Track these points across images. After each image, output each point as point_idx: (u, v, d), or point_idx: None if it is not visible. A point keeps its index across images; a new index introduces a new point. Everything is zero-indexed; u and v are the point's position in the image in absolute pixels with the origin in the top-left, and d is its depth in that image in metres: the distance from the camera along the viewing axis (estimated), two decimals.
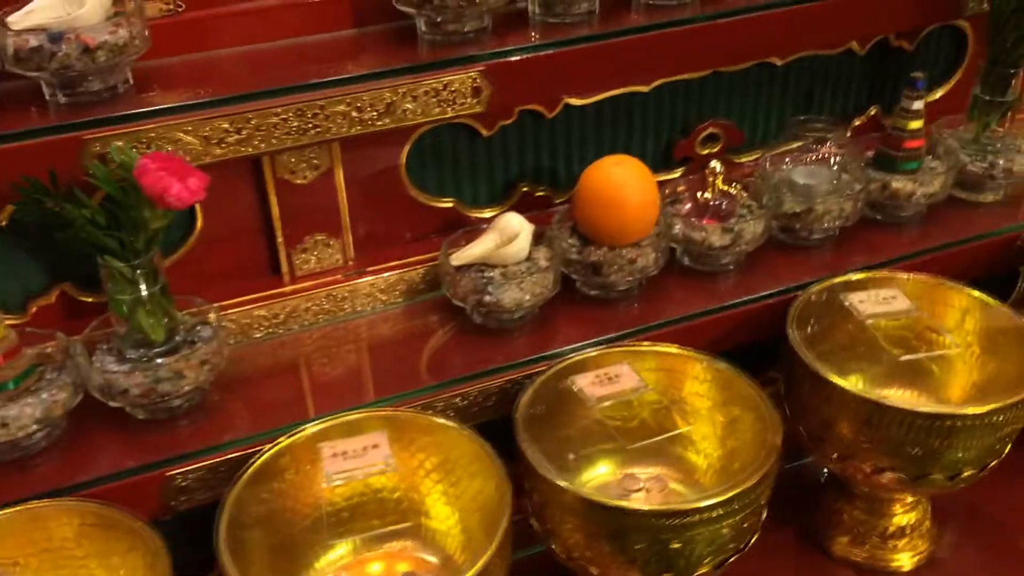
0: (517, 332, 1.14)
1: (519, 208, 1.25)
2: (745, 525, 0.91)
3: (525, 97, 1.17)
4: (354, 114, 1.05)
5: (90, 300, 1.09)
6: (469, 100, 1.10)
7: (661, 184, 1.27)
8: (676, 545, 0.88)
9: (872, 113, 1.44)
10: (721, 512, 0.88)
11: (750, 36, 1.25)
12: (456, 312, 1.16)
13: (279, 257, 1.13)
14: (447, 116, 1.10)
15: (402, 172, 1.17)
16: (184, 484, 0.97)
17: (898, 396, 1.16)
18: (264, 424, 1.01)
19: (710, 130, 1.34)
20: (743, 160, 1.38)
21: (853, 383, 1.07)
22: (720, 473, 1.02)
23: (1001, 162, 1.31)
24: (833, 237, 1.28)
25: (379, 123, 1.06)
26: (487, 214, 1.24)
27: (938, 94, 1.47)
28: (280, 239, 1.12)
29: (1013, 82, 1.30)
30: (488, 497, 0.94)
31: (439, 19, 1.10)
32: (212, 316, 1.04)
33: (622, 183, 1.12)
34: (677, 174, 1.35)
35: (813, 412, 1.08)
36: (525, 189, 1.26)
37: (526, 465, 0.95)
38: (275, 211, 1.10)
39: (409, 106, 1.08)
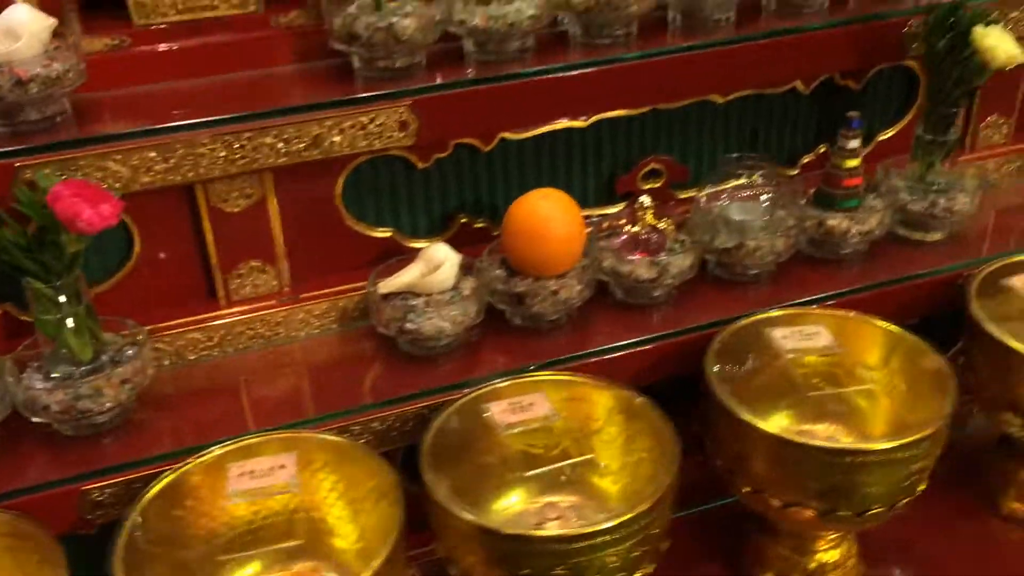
0: (443, 360, 1.16)
1: (458, 239, 1.28)
2: (634, 554, 0.92)
3: (457, 131, 1.21)
4: (281, 146, 1.09)
5: (31, 320, 1.14)
6: (396, 134, 1.14)
7: (600, 218, 1.30)
8: (561, 572, 0.89)
9: (821, 151, 1.45)
10: (608, 539, 0.89)
11: (686, 75, 1.27)
12: (385, 340, 1.18)
13: (215, 282, 1.18)
14: (375, 149, 1.14)
15: (338, 202, 1.21)
16: (100, 499, 1.01)
17: (812, 431, 1.16)
18: (184, 443, 1.04)
19: (652, 166, 1.36)
20: (689, 195, 1.40)
21: (767, 418, 1.09)
22: (624, 502, 1.03)
23: (942, 201, 1.31)
24: (770, 273, 1.29)
25: (306, 154, 1.10)
26: (425, 245, 1.27)
27: (890, 133, 1.47)
28: (215, 265, 1.16)
29: (954, 122, 1.31)
30: (390, 519, 0.96)
31: (370, 56, 1.14)
32: (139, 338, 1.08)
33: (546, 216, 1.15)
34: (620, 208, 1.37)
35: (726, 446, 1.08)
36: (464, 220, 1.29)
37: (425, 490, 0.97)
38: (209, 238, 1.14)
39: (336, 139, 1.11)
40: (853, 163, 1.28)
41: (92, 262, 1.12)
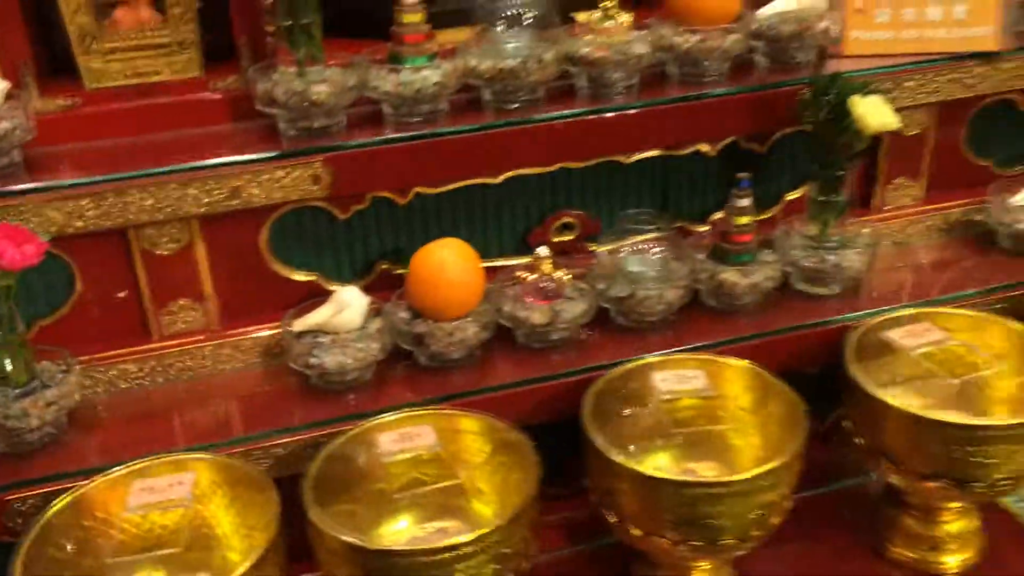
0: (348, 394, 1.26)
1: (378, 285, 1.39)
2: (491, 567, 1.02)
3: (371, 185, 1.32)
4: (203, 196, 1.22)
5: None
6: (310, 187, 1.26)
7: (511, 268, 1.41)
8: None
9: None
10: (457, 553, 0.99)
11: (590, 136, 1.38)
12: (300, 375, 1.29)
13: (148, 318, 1.30)
14: (292, 200, 1.27)
15: (264, 248, 1.33)
16: (22, 508, 1.12)
17: (684, 468, 1.25)
18: (104, 461, 1.16)
19: (564, 220, 1.46)
20: (604, 248, 1.49)
21: (640, 457, 1.18)
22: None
23: (832, 258, 1.39)
24: (667, 321, 1.38)
25: (227, 204, 1.23)
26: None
27: (797, 193, 1.56)
28: (148, 302, 1.29)
29: (842, 184, 1.39)
30: (275, 535, 1.06)
31: (290, 117, 1.27)
32: (68, 365, 1.20)
33: (444, 264, 1.26)
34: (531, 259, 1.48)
35: (597, 482, 1.17)
36: (384, 267, 1.40)
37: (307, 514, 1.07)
38: (142, 278, 1.27)
39: (255, 191, 1.24)
40: (744, 220, 1.37)
41: (39, 298, 1.26)
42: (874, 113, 1.28)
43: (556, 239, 1.46)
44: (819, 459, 1.44)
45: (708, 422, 1.23)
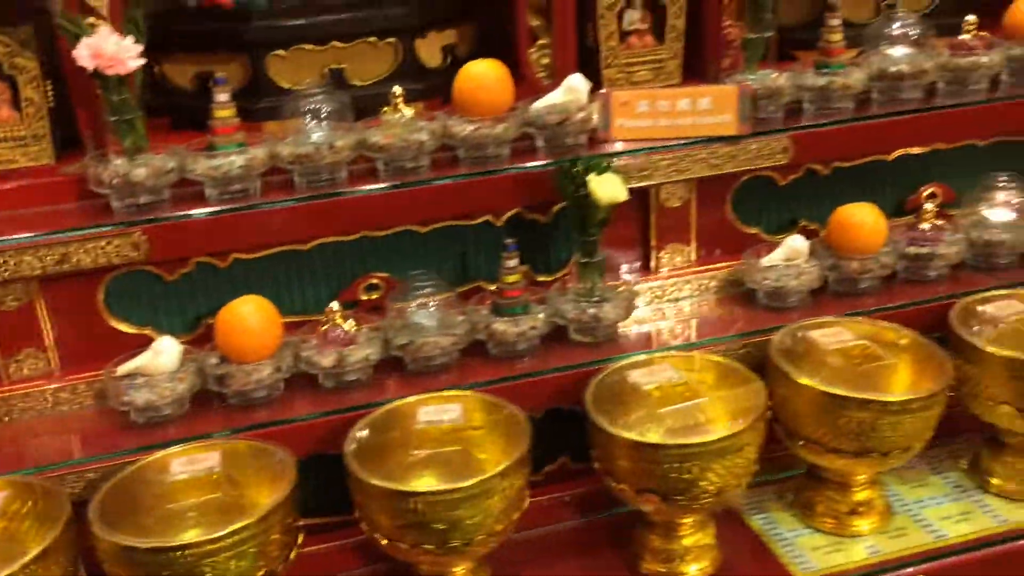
0: (162, 427, 1.48)
1: (205, 337, 1.61)
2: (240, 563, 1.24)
3: (187, 252, 1.57)
4: (37, 262, 1.46)
5: None
6: (131, 253, 1.51)
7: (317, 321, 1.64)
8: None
9: (524, 270, 1.78)
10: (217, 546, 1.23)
11: (387, 209, 1.63)
12: (124, 414, 1.51)
13: None
14: (116, 264, 1.51)
15: (100, 305, 1.56)
16: None
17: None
18: None
19: (371, 280, 1.70)
20: (396, 304, 1.69)
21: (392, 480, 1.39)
22: None
23: (592, 311, 1.62)
24: (448, 365, 1.61)
25: (58, 268, 1.48)
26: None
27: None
28: None
29: (596, 248, 1.63)
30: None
31: (118, 196, 1.52)
32: None
33: (243, 316, 1.50)
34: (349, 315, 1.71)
35: (359, 510, 1.39)
36: (210, 322, 1.62)
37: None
38: None
39: (84, 256, 1.49)
40: (512, 278, 1.61)
41: None
42: (605, 188, 1.53)
43: (364, 297, 1.70)
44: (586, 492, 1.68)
45: (456, 443, 1.46)
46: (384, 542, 1.35)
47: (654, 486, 1.41)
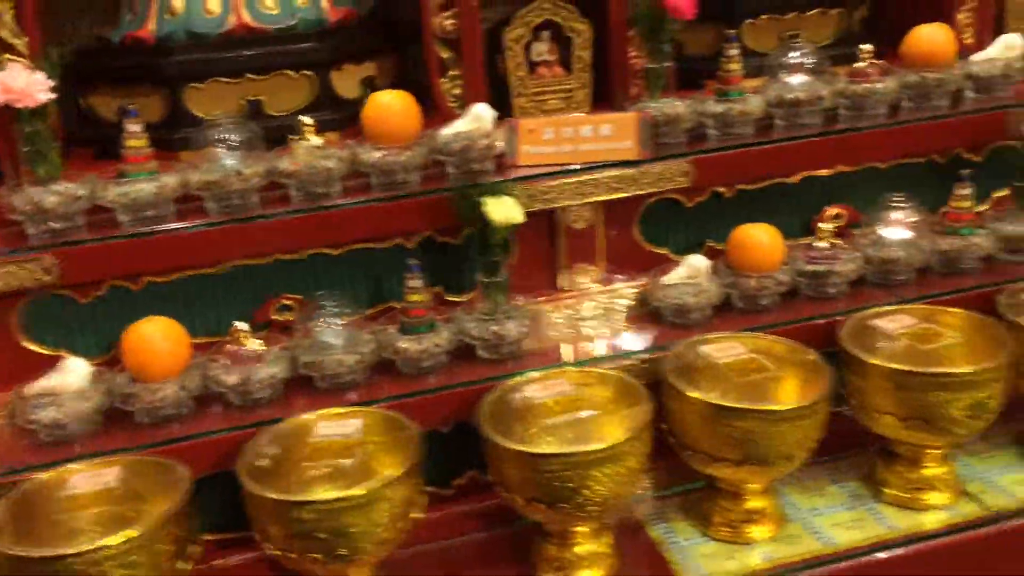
0: (67, 445, 1.53)
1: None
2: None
3: (98, 275, 1.63)
4: None
5: None
6: (43, 277, 1.57)
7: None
8: None
9: (436, 291, 1.84)
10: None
11: (297, 233, 1.70)
12: (34, 432, 1.56)
13: None
14: (28, 287, 1.57)
15: (15, 328, 1.62)
16: None
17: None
18: None
19: (284, 302, 1.76)
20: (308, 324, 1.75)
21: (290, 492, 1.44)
22: None
23: (494, 328, 1.68)
24: (356, 382, 1.66)
25: None
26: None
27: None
28: None
29: (499, 268, 1.70)
30: None
31: (31, 223, 1.59)
32: None
33: (148, 337, 1.56)
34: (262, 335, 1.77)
35: (253, 522, 1.44)
36: None
37: None
38: None
39: None
40: (417, 298, 1.67)
41: None
42: (500, 211, 1.60)
43: (278, 318, 1.76)
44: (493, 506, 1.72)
45: (353, 457, 1.51)
46: (276, 553, 1.40)
47: (540, 495, 1.46)
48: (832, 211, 2.02)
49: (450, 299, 1.83)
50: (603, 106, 1.98)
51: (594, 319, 1.87)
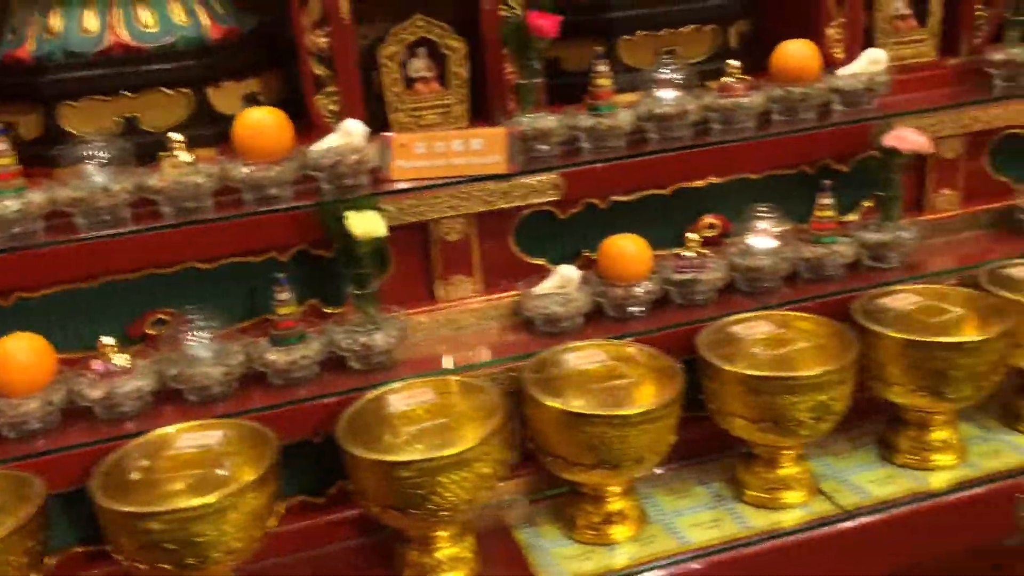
0: None
1: None
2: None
3: None
4: None
5: None
6: None
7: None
8: None
9: (312, 303, 1.88)
10: None
11: (167, 248, 1.73)
12: None
13: None
14: None
15: None
16: None
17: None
18: None
19: (159, 316, 1.79)
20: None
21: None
22: None
23: (363, 339, 1.73)
24: (226, 394, 1.68)
25: None
26: None
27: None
28: None
29: (370, 280, 1.74)
30: None
31: None
32: None
33: (10, 352, 1.58)
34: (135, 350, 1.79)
35: (105, 535, 1.46)
36: None
37: None
38: None
39: None
40: (286, 310, 1.71)
41: None
42: (362, 224, 1.65)
43: (152, 332, 1.79)
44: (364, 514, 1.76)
45: (213, 467, 1.55)
46: (126, 563, 1.42)
47: (394, 502, 1.50)
48: (706, 221, 2.09)
49: (327, 311, 1.87)
50: (481, 121, 2.03)
51: (469, 329, 1.92)
